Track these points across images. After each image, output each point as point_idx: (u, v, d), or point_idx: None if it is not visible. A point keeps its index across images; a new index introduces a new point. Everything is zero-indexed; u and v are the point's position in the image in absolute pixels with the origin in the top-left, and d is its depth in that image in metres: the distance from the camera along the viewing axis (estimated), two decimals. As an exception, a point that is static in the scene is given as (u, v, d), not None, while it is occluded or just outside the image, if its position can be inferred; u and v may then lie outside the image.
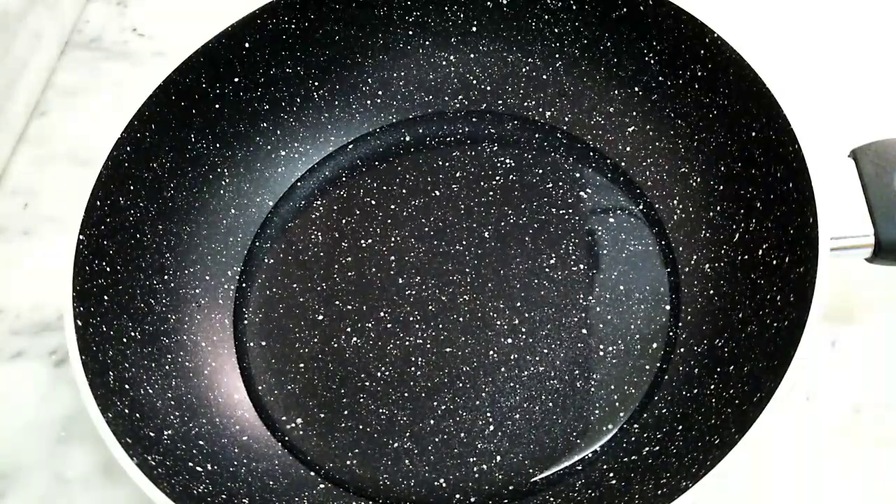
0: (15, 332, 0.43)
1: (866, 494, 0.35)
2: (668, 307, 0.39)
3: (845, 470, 0.36)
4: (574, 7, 0.43)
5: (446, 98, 0.47)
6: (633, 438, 0.36)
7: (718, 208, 0.39)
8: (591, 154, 0.44)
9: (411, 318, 0.40)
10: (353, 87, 0.47)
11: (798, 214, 0.34)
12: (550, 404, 0.37)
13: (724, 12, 0.40)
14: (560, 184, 0.44)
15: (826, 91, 0.47)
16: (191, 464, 0.34)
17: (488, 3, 0.45)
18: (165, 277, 0.40)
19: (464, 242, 0.42)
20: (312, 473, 0.37)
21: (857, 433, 0.37)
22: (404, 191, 0.44)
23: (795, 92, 0.47)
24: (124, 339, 0.36)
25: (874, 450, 0.36)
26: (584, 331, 0.39)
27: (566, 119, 0.45)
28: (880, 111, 0.46)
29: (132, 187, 0.39)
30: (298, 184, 0.46)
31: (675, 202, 0.41)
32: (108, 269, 0.37)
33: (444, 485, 0.36)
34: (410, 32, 0.46)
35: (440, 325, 0.40)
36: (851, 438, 0.36)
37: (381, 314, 0.40)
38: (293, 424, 0.38)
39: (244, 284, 0.42)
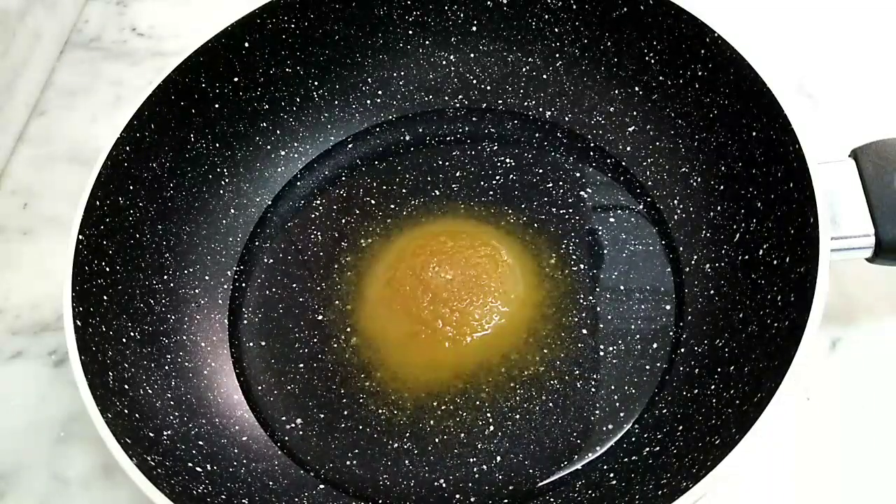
0: (14, 332, 0.43)
1: (866, 495, 0.35)
2: (668, 307, 0.39)
3: (845, 470, 0.36)
4: (574, 7, 0.43)
5: (446, 97, 0.47)
6: (633, 439, 0.36)
7: (719, 208, 0.39)
8: (592, 153, 0.44)
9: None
10: (353, 87, 0.47)
11: (798, 214, 0.34)
12: (550, 405, 0.37)
13: (724, 12, 0.40)
14: (560, 183, 0.44)
15: (826, 91, 0.47)
16: (190, 464, 0.34)
17: (488, 2, 0.45)
18: (165, 277, 0.40)
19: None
20: (312, 474, 0.37)
21: (857, 433, 0.37)
22: (404, 190, 0.44)
23: (795, 92, 0.47)
24: (124, 339, 0.36)
25: (874, 450, 0.36)
26: (585, 331, 0.39)
27: (567, 118, 0.45)
28: (880, 111, 0.46)
29: (132, 187, 0.39)
30: (298, 183, 0.46)
31: (676, 202, 0.41)
32: (107, 269, 0.37)
33: (444, 485, 0.36)
34: (410, 32, 0.46)
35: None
36: (852, 439, 0.36)
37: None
38: (293, 425, 0.38)
39: (243, 284, 0.42)
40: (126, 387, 0.35)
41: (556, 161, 0.45)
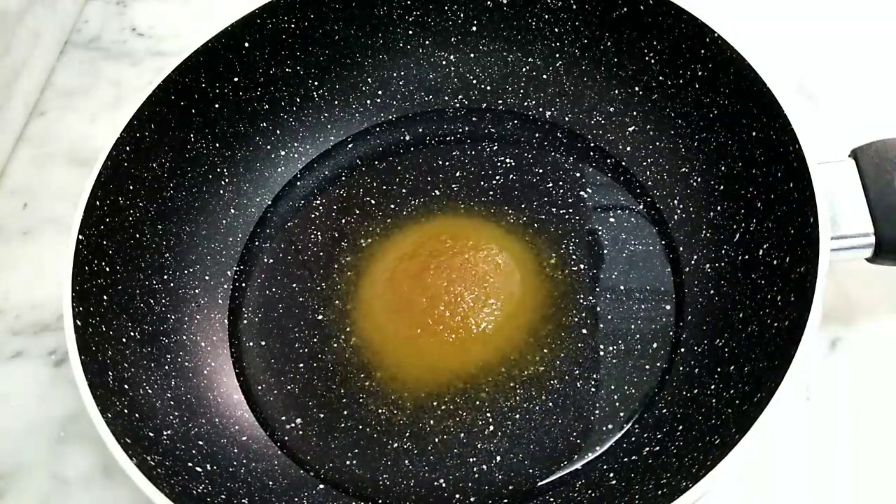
0: (14, 332, 0.43)
1: (866, 495, 0.35)
2: (668, 307, 0.39)
3: (845, 470, 0.36)
4: (574, 7, 0.43)
5: (446, 97, 0.47)
6: (633, 438, 0.36)
7: (719, 208, 0.39)
8: (592, 153, 0.44)
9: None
10: (352, 87, 0.47)
11: (798, 214, 0.34)
12: (550, 404, 0.37)
13: (724, 12, 0.40)
14: (560, 183, 0.44)
15: (826, 91, 0.47)
16: (190, 464, 0.34)
17: (488, 2, 0.45)
18: (165, 277, 0.40)
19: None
20: (312, 474, 0.37)
21: (857, 433, 0.37)
22: (404, 190, 0.44)
23: (795, 92, 0.47)
24: (124, 339, 0.36)
25: (874, 450, 0.36)
26: (585, 331, 0.39)
27: (567, 118, 0.45)
28: (880, 111, 0.46)
29: (131, 187, 0.39)
30: (298, 183, 0.46)
31: (676, 202, 0.41)
32: (107, 269, 0.37)
33: (444, 485, 0.36)
34: (410, 32, 0.46)
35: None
36: (851, 439, 0.36)
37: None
38: (292, 424, 0.38)
39: (243, 284, 0.42)
40: (126, 387, 0.35)
41: (556, 161, 0.45)
